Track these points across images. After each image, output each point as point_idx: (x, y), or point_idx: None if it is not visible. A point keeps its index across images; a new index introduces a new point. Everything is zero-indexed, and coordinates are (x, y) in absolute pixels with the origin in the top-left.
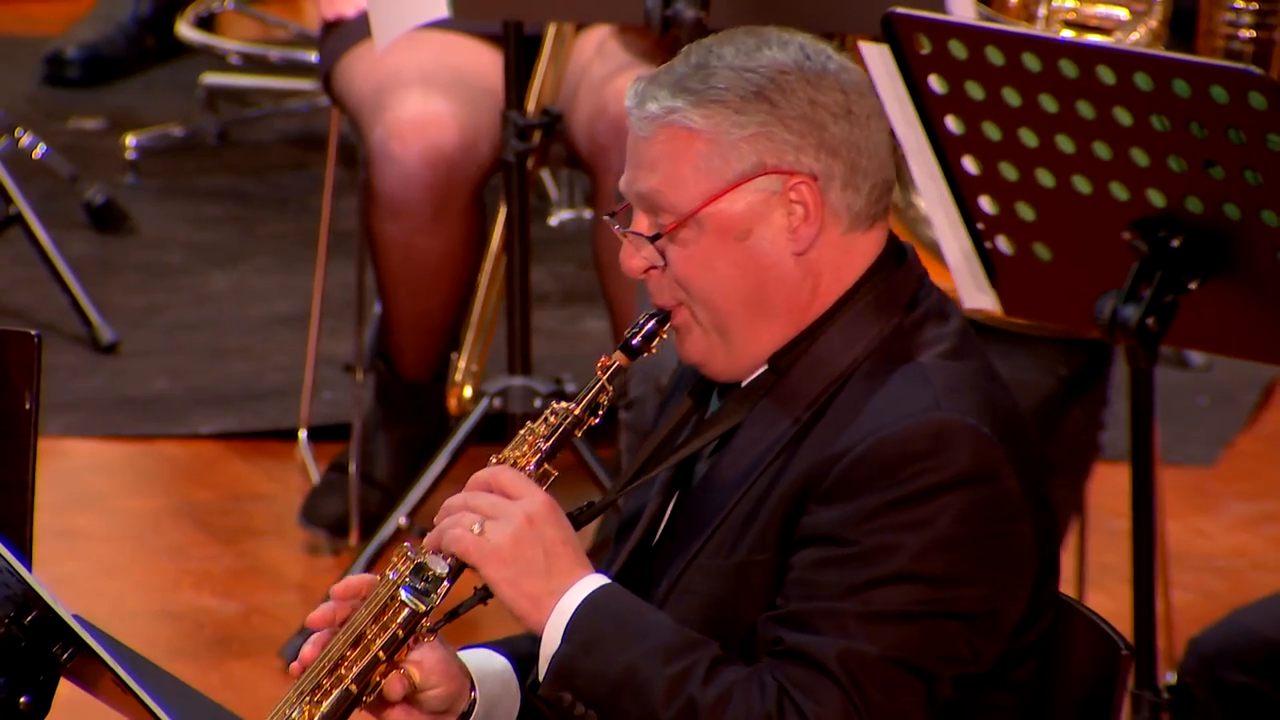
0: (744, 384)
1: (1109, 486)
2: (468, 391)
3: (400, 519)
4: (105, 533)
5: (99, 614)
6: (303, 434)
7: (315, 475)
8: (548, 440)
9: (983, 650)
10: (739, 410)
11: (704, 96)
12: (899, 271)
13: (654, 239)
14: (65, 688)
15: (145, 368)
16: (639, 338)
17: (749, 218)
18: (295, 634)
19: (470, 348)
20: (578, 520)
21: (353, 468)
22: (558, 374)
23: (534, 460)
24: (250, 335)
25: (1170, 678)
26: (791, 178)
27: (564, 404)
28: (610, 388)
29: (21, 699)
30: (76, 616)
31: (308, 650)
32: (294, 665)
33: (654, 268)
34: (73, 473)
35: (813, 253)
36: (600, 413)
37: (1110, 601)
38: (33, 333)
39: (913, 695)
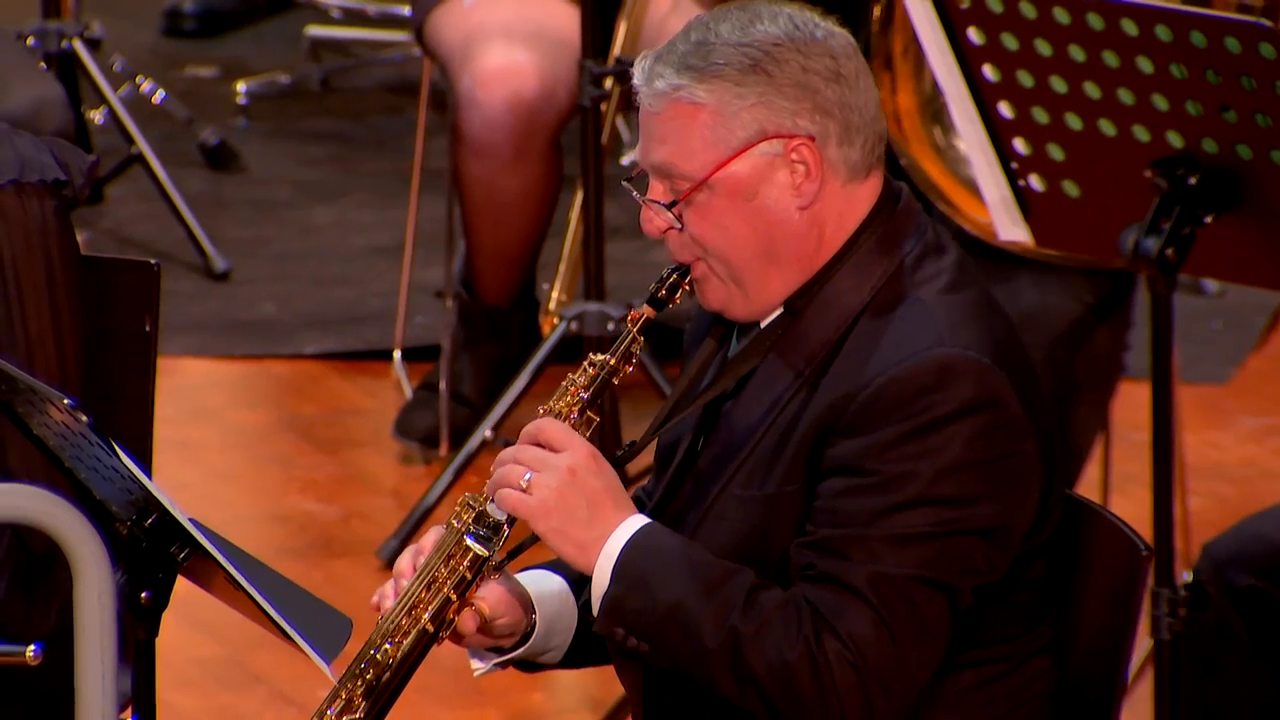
0: (762, 325)
1: (1131, 402)
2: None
3: (486, 432)
4: (219, 444)
5: (213, 518)
6: (397, 354)
7: (408, 392)
8: (588, 390)
9: (997, 561)
10: (759, 349)
11: (706, 72)
12: (897, 213)
13: (670, 205)
14: (182, 584)
15: (255, 294)
16: (664, 290)
17: (755, 179)
18: (390, 536)
19: (562, 280)
20: (620, 460)
21: (442, 385)
22: (628, 300)
23: (577, 410)
24: (350, 264)
25: (1187, 576)
26: (791, 140)
27: (600, 355)
28: (641, 339)
29: (143, 594)
30: (192, 520)
31: (388, 600)
32: (374, 601)
33: (672, 229)
34: (189, 389)
35: (816, 205)
36: (633, 361)
37: (1132, 506)
38: (152, 262)
39: (937, 608)
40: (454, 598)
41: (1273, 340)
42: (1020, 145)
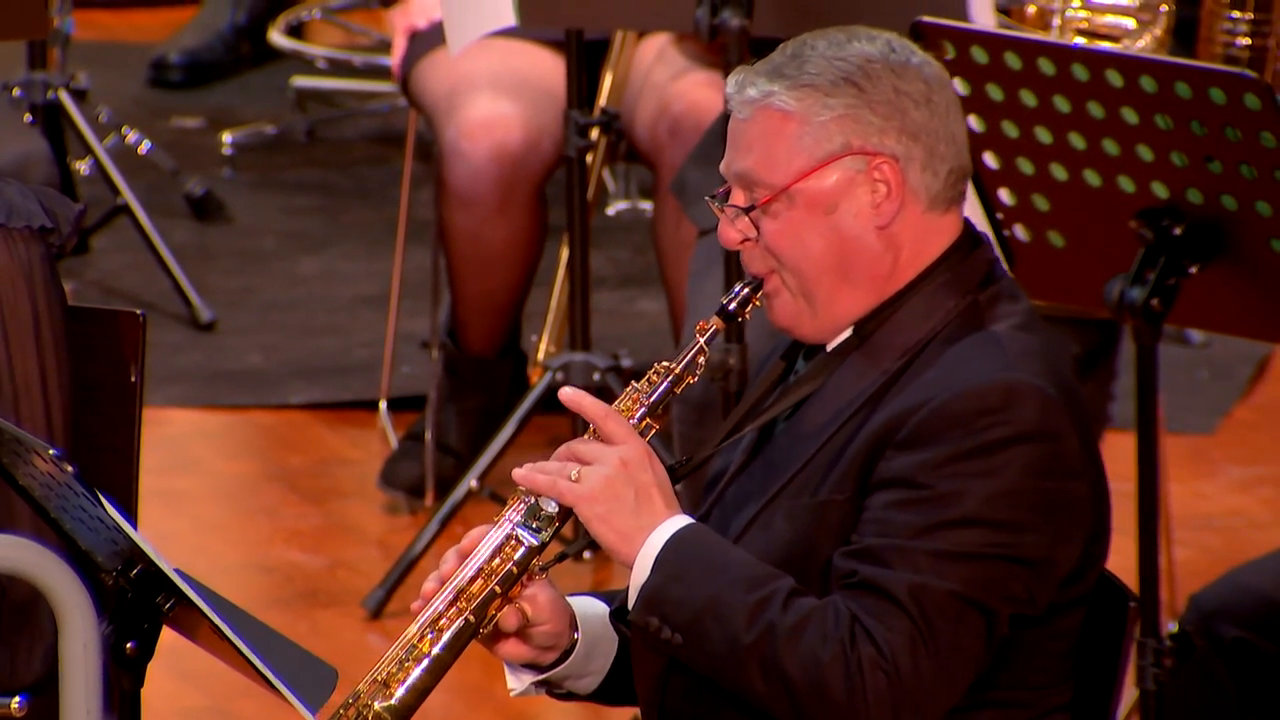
0: (829, 347)
1: (1117, 452)
2: None
3: (471, 482)
4: (204, 494)
5: (198, 568)
6: (383, 404)
7: (394, 442)
8: (650, 396)
9: (1038, 594)
10: (822, 371)
11: (797, 81)
12: (974, 254)
13: (749, 210)
14: (167, 634)
15: (240, 344)
16: (734, 304)
17: (836, 193)
18: (376, 586)
19: (550, 331)
20: (674, 473)
21: (428, 435)
22: (614, 350)
23: (637, 414)
24: (336, 314)
25: (1172, 627)
26: (875, 158)
27: (665, 364)
28: (707, 349)
29: (128, 645)
30: (177, 570)
31: (428, 586)
32: (415, 605)
33: (748, 239)
34: (175, 439)
35: (894, 227)
36: (698, 373)
37: (1118, 557)
38: (138, 312)
39: (974, 629)
40: (499, 592)
41: (1258, 390)
42: (1005, 195)
